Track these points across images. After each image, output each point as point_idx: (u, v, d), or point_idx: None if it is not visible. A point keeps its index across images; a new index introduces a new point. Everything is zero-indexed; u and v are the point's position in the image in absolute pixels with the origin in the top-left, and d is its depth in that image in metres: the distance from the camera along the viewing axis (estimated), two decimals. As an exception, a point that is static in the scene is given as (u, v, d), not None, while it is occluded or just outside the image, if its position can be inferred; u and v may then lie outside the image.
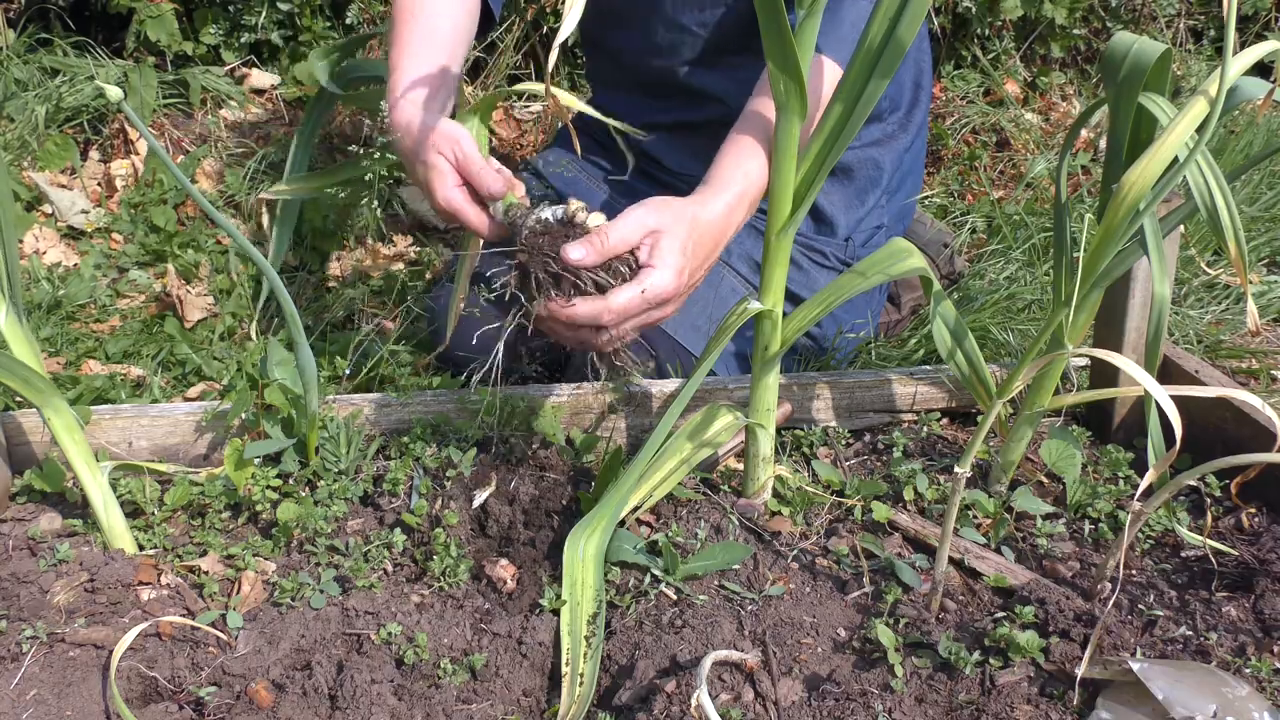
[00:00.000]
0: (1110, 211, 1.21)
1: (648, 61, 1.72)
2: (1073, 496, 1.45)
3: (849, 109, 1.20)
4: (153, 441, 1.49)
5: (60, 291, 2.03)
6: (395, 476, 1.40)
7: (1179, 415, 1.11)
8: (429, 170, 1.35)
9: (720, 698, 1.12)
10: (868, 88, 1.18)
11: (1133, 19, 3.22)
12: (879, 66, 1.17)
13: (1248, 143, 2.70)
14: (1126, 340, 1.53)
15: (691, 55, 1.69)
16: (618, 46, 1.75)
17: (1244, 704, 1.06)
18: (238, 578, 1.30)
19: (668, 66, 1.71)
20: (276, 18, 2.70)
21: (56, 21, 2.67)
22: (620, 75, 1.80)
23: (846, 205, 1.80)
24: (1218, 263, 2.30)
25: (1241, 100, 1.22)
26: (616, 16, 1.72)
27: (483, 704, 1.15)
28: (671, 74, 1.72)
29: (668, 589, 1.29)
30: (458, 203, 1.33)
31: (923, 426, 1.60)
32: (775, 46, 1.17)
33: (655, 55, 1.71)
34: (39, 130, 2.42)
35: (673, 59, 1.71)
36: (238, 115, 2.65)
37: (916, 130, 1.87)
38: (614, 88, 1.87)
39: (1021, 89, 3.08)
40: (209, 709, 1.13)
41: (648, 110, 1.77)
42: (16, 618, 1.21)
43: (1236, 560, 1.32)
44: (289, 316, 1.31)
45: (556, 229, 1.26)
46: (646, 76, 1.74)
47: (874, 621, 1.20)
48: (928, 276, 1.38)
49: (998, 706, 1.10)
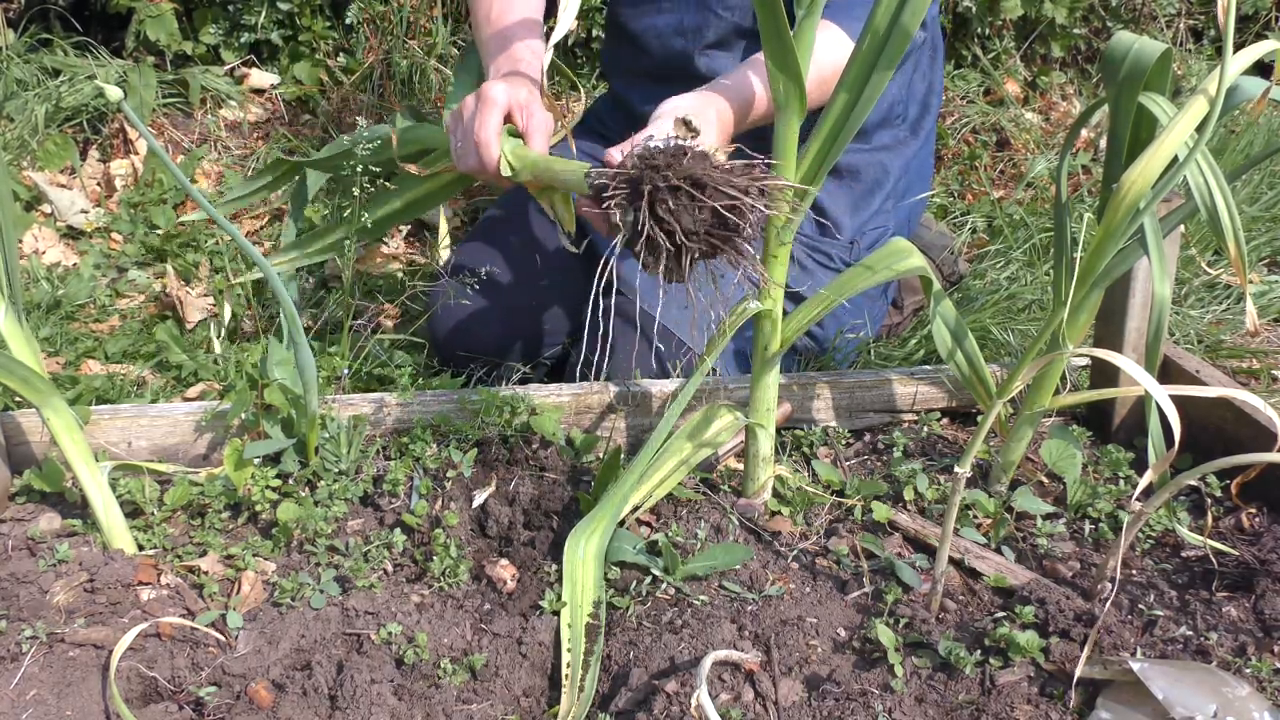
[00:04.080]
0: (1110, 211, 1.21)
1: (669, 44, 1.75)
2: (1073, 496, 1.45)
3: (852, 100, 1.20)
4: (152, 441, 1.49)
5: (60, 291, 2.03)
6: (395, 477, 1.40)
7: (1179, 415, 1.11)
8: (490, 97, 1.39)
9: (720, 698, 1.12)
10: (871, 79, 1.18)
11: (1133, 19, 3.22)
12: (883, 56, 1.16)
13: (1248, 143, 2.70)
14: (1127, 340, 1.53)
15: (714, 38, 1.72)
16: (642, 28, 1.77)
17: (1244, 704, 1.06)
18: (238, 578, 1.30)
19: (687, 50, 1.74)
20: (276, 17, 2.70)
21: (56, 21, 2.68)
22: (638, 60, 1.81)
23: (852, 208, 1.80)
24: (1218, 263, 2.30)
25: (1241, 100, 1.22)
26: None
27: (483, 704, 1.15)
28: (689, 58, 1.74)
29: (668, 589, 1.29)
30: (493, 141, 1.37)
31: (923, 426, 1.59)
32: (774, 46, 1.17)
33: (679, 36, 1.75)
34: (39, 130, 2.42)
35: (695, 42, 1.73)
36: (237, 115, 2.65)
37: (925, 137, 1.89)
38: (628, 75, 1.89)
39: (1021, 89, 3.08)
40: (209, 709, 1.12)
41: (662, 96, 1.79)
42: (16, 618, 1.21)
43: (1237, 560, 1.32)
44: (289, 316, 1.31)
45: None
46: (665, 61, 1.76)
47: (874, 621, 1.20)
48: (928, 276, 1.38)
49: (998, 706, 1.10)
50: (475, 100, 1.41)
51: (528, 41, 1.61)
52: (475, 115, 1.39)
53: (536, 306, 1.80)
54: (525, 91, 1.43)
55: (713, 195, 1.00)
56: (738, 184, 1.01)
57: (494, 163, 1.37)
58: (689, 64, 1.73)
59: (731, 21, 1.70)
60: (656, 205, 1.00)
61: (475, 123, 1.38)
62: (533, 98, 1.43)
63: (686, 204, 1.00)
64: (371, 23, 2.76)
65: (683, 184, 0.99)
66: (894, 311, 2.01)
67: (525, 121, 1.41)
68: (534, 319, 1.80)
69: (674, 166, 1.00)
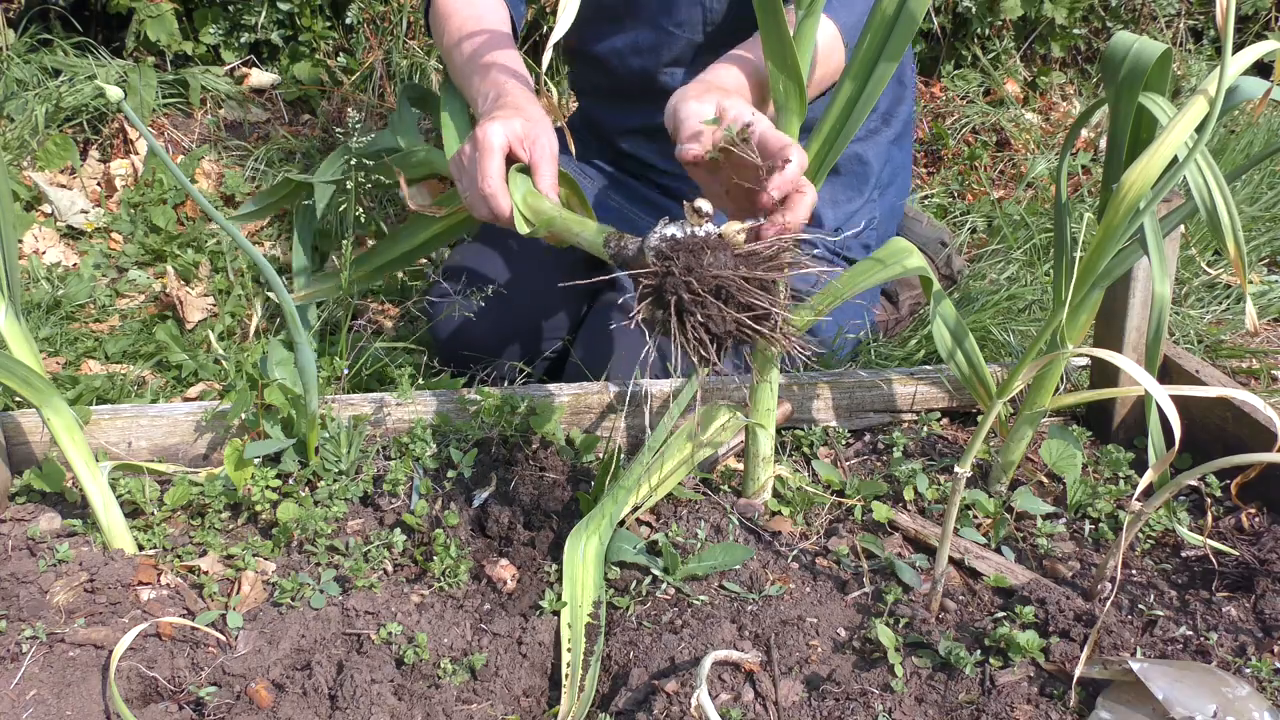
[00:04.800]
0: (1110, 211, 1.21)
1: (629, 63, 1.74)
2: (1073, 496, 1.45)
3: (857, 91, 1.19)
4: (152, 441, 1.49)
5: (60, 291, 2.03)
6: (395, 477, 1.40)
7: (1179, 415, 1.11)
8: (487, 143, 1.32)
9: (720, 698, 1.12)
10: (876, 68, 1.18)
11: (1133, 19, 3.22)
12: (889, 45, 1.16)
13: (1248, 143, 2.70)
14: (1127, 340, 1.53)
15: (671, 56, 1.71)
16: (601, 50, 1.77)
17: (1244, 704, 1.06)
18: (238, 578, 1.30)
19: (647, 69, 1.73)
20: (276, 18, 2.70)
21: (57, 21, 2.68)
22: (602, 80, 1.81)
23: (833, 200, 1.81)
24: (1218, 263, 2.30)
25: (1241, 100, 1.22)
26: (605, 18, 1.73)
27: (483, 704, 1.15)
28: (650, 76, 1.73)
29: (668, 589, 1.29)
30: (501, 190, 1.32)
31: (923, 426, 1.59)
32: (774, 46, 1.17)
33: (637, 55, 1.73)
34: (39, 130, 2.42)
35: (654, 60, 1.72)
36: (238, 115, 2.65)
37: (902, 126, 1.88)
38: (595, 94, 1.90)
39: (1021, 89, 3.08)
40: (209, 709, 1.13)
41: (627, 115, 1.81)
42: (16, 618, 1.21)
43: (1237, 560, 1.32)
44: (289, 316, 1.31)
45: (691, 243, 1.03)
46: (628, 80, 1.76)
47: (874, 621, 1.20)
48: (928, 277, 1.38)
49: (998, 706, 1.10)
50: (472, 148, 1.35)
51: (505, 59, 1.52)
52: (476, 165, 1.33)
53: (535, 305, 1.80)
54: (520, 122, 1.36)
55: (738, 303, 1.01)
56: (762, 281, 1.02)
57: (506, 214, 1.32)
58: (652, 82, 1.72)
59: (684, 38, 1.68)
60: (684, 316, 1.01)
61: (478, 174, 1.33)
62: (530, 124, 1.36)
63: (715, 314, 1.00)
64: (371, 23, 2.76)
65: (707, 296, 1.00)
66: (890, 307, 2.00)
67: (529, 154, 1.35)
68: (533, 318, 1.80)
69: (695, 271, 1.00)
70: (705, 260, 1.00)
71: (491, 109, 1.42)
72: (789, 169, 1.10)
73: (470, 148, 1.36)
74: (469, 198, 1.37)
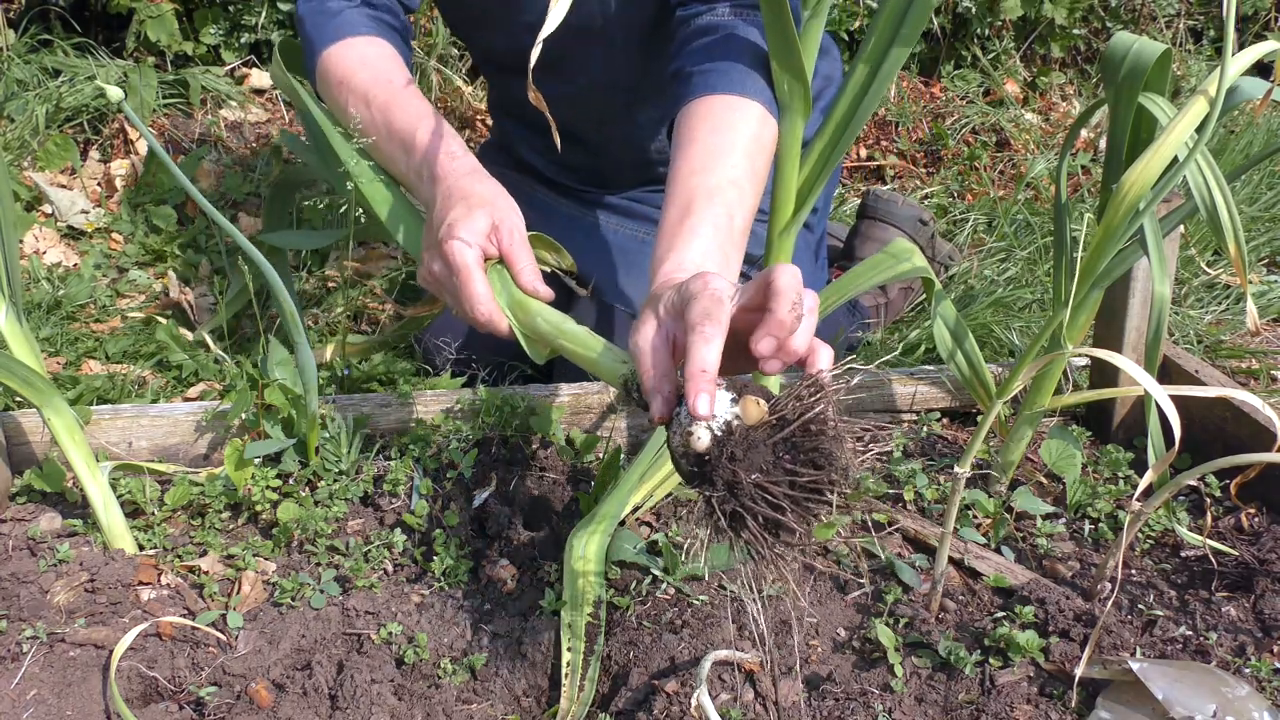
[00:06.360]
0: (1110, 211, 1.21)
1: (511, 72, 1.63)
2: (1073, 496, 1.45)
3: (866, 82, 1.19)
4: (153, 441, 1.49)
5: (60, 291, 2.03)
6: (395, 477, 1.40)
7: (1178, 415, 1.11)
8: (462, 263, 1.20)
9: (720, 698, 1.12)
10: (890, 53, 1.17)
11: (1133, 19, 3.23)
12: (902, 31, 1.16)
13: (1248, 143, 2.70)
14: (1126, 340, 1.53)
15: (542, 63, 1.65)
16: (489, 49, 1.70)
17: (1244, 704, 1.06)
18: (238, 578, 1.30)
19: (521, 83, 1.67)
20: (276, 18, 2.70)
21: (57, 22, 2.68)
22: (501, 97, 1.80)
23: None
24: (1218, 263, 2.30)
25: (1241, 100, 1.22)
26: (479, 20, 1.65)
27: (483, 704, 1.15)
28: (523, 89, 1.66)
29: (668, 589, 1.29)
30: (495, 312, 1.20)
31: (923, 426, 1.60)
32: (779, 45, 1.17)
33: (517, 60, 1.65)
34: (39, 130, 2.42)
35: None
36: (238, 115, 2.65)
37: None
38: (503, 113, 1.86)
39: (1021, 89, 3.08)
40: (209, 709, 1.13)
41: (531, 135, 1.77)
42: (16, 618, 1.21)
43: (1236, 560, 1.32)
44: (289, 316, 1.31)
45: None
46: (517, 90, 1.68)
47: (874, 621, 1.20)
48: (929, 278, 1.38)
49: (998, 706, 1.10)
50: (445, 268, 1.22)
51: (430, 127, 1.34)
52: (460, 291, 1.21)
53: None
54: (481, 216, 1.22)
55: (788, 510, 0.87)
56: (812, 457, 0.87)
57: (507, 333, 1.22)
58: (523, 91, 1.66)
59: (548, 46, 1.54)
60: (734, 522, 0.88)
61: (464, 301, 1.21)
62: (490, 213, 1.23)
63: (767, 525, 0.88)
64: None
65: (762, 508, 0.86)
66: (878, 292, 2.01)
67: (499, 246, 1.23)
68: None
69: (739, 476, 0.85)
70: (751, 468, 0.85)
71: (444, 205, 1.26)
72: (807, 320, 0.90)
73: (441, 267, 1.23)
74: (459, 316, 1.26)
